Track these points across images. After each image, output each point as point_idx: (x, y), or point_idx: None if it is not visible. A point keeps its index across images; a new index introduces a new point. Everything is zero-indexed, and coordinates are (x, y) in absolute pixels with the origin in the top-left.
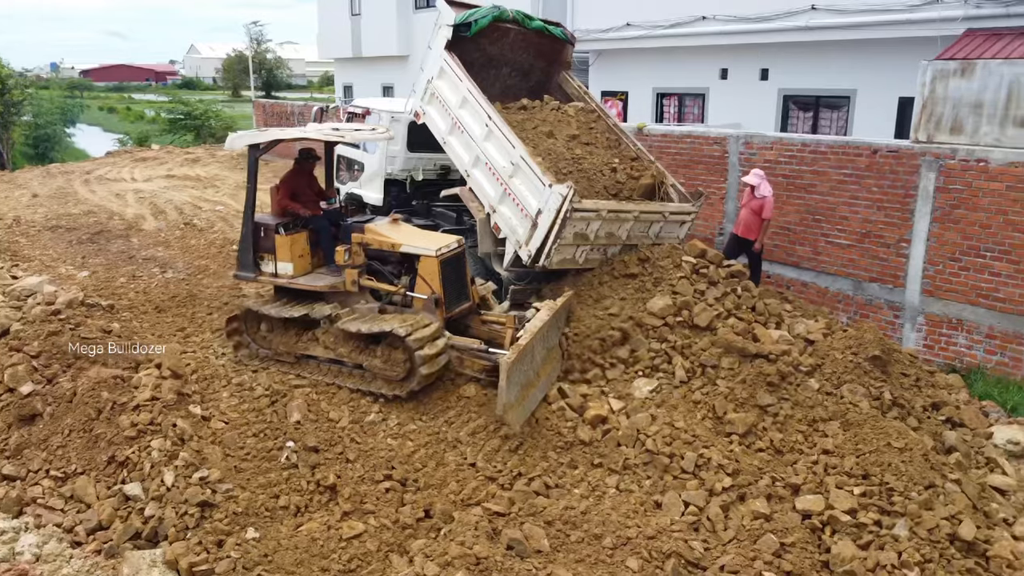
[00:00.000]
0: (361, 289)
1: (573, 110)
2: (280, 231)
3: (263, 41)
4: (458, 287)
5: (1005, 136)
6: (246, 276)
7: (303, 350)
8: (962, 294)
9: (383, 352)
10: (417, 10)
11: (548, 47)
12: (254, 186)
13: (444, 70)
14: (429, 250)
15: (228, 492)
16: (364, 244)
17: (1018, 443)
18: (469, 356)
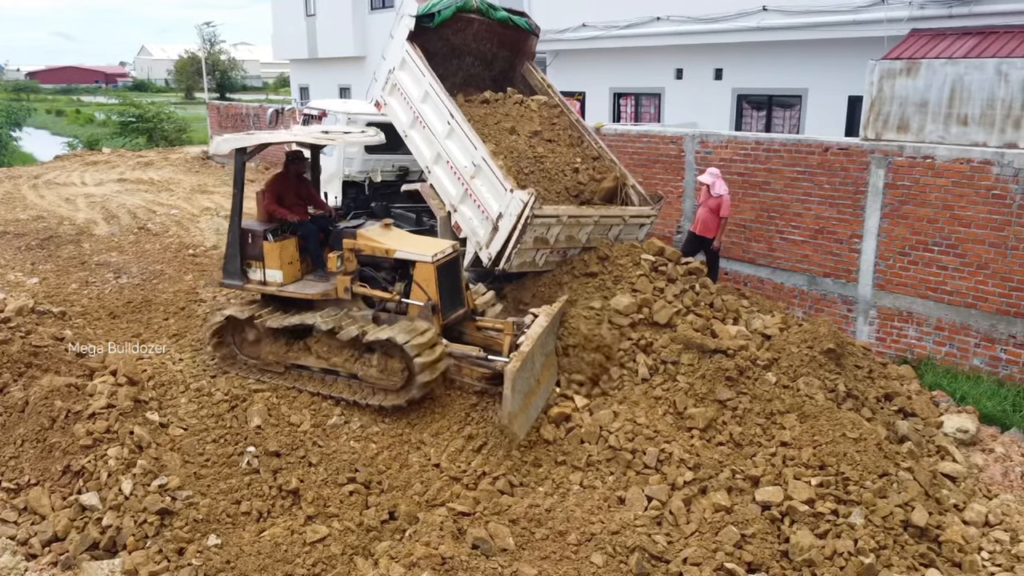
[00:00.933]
0: (354, 296)
1: (536, 104)
2: (268, 238)
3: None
4: (453, 293)
5: (949, 134)
6: (233, 284)
7: (294, 360)
8: (912, 287)
9: (379, 361)
10: (373, 11)
11: (512, 37)
12: (241, 191)
13: (406, 61)
14: (425, 256)
15: (188, 499)
16: (356, 250)
17: (967, 431)
18: (467, 364)
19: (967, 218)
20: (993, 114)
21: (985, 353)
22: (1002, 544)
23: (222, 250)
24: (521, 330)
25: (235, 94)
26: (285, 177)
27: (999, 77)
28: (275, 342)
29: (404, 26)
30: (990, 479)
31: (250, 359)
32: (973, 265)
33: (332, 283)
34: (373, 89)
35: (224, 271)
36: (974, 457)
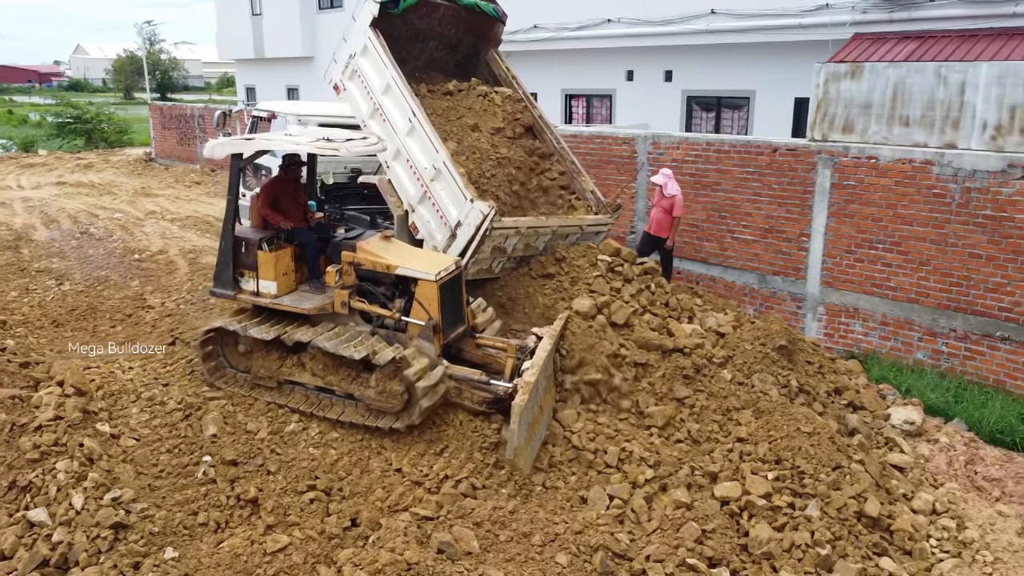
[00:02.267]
0: (351, 311)
1: (500, 98)
2: (263, 247)
3: (156, 41)
4: (455, 311)
5: (892, 135)
6: (224, 294)
7: (287, 375)
8: (858, 284)
9: (377, 382)
10: (321, 10)
11: (478, 23)
12: (236, 197)
13: (368, 48)
14: (428, 274)
15: (143, 512)
16: (355, 264)
17: (913, 423)
18: (468, 387)
19: (909, 216)
20: (933, 116)
21: (927, 347)
22: (949, 531)
23: (168, 254)
24: (524, 353)
25: (177, 94)
26: (282, 182)
27: (938, 80)
28: (267, 356)
29: (367, 11)
30: (936, 468)
31: (240, 372)
32: (915, 262)
33: (328, 296)
34: (332, 71)
35: (215, 279)
36: (920, 447)
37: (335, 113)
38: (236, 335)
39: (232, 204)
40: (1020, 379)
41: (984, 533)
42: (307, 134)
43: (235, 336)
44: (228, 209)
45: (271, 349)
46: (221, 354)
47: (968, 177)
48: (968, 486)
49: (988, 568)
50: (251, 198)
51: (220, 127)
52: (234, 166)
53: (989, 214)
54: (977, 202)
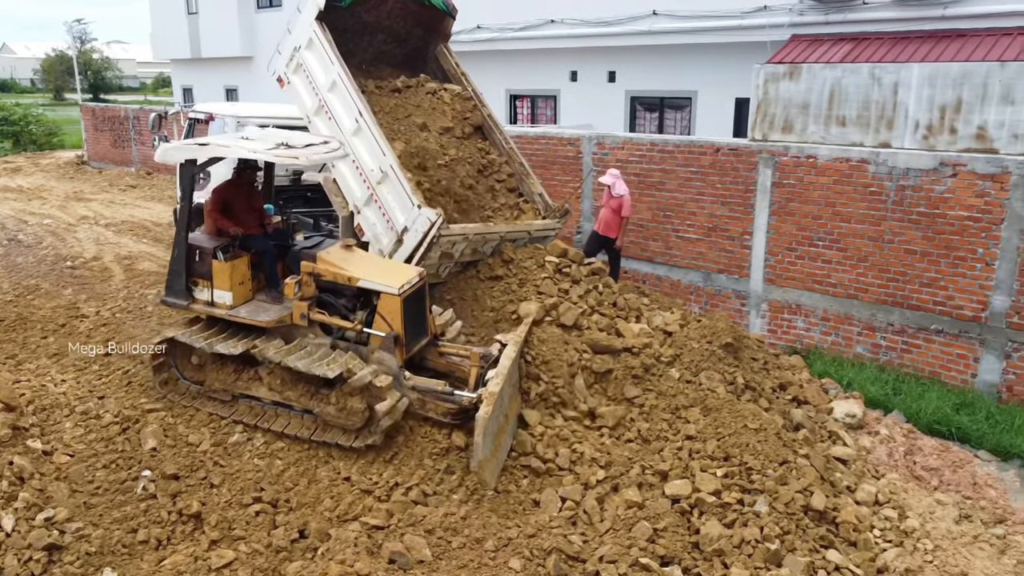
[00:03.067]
0: (310, 323)
1: (449, 96)
2: (217, 255)
3: (88, 40)
4: (418, 323)
5: (829, 134)
6: (176, 303)
7: (243, 390)
8: (799, 281)
9: (337, 399)
10: (260, 9)
11: (428, 17)
12: (188, 204)
13: (314, 42)
14: (391, 288)
15: (79, 531)
16: (315, 275)
17: (854, 416)
18: (432, 398)
19: (848, 214)
20: (868, 115)
21: (867, 341)
22: (891, 521)
23: (103, 261)
24: (488, 361)
25: (111, 95)
26: (235, 186)
27: (873, 81)
28: (222, 369)
29: (313, 3)
30: (877, 460)
31: (193, 384)
32: (854, 258)
33: (287, 307)
34: (275, 62)
35: (167, 288)
36: (862, 440)
37: (276, 114)
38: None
39: (185, 210)
40: (954, 370)
41: (924, 522)
42: (265, 139)
43: (188, 347)
44: (181, 216)
45: (226, 362)
46: (173, 365)
47: (902, 175)
48: (908, 476)
49: (929, 556)
50: (204, 203)
51: (155, 129)
52: (187, 172)
53: (923, 211)
54: (911, 199)
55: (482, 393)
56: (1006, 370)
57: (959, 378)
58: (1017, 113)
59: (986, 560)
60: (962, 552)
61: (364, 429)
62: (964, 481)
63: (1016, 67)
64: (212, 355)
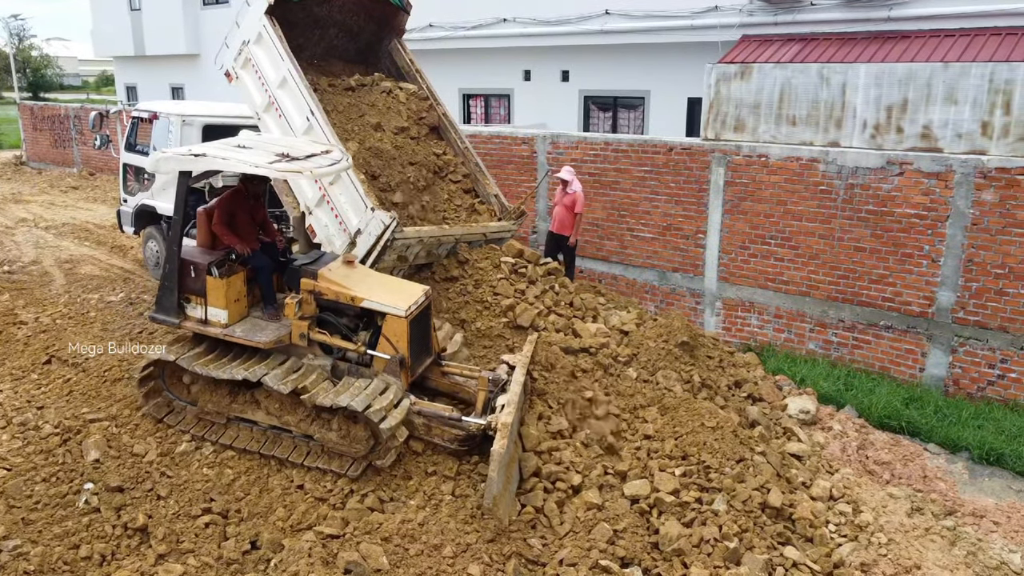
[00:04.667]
0: (310, 342)
1: (405, 95)
2: (212, 272)
3: (26, 37)
4: (423, 343)
5: (780, 133)
6: (167, 320)
7: (239, 413)
8: (752, 279)
9: (340, 425)
10: (206, 6)
11: (381, 11)
12: (182, 217)
13: (263, 37)
14: (398, 310)
15: (16, 549)
16: (316, 293)
17: (808, 412)
18: (438, 424)
19: (799, 212)
20: (817, 115)
21: (819, 337)
22: (846, 516)
23: (42, 265)
24: (496, 385)
25: (51, 93)
26: (240, 197)
27: (821, 81)
28: (216, 391)
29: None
30: (831, 455)
31: (186, 404)
32: (806, 256)
33: (285, 326)
34: (224, 56)
35: (157, 304)
36: (816, 436)
37: (222, 113)
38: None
39: (179, 224)
40: (903, 365)
41: (877, 516)
42: (263, 148)
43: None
44: (174, 230)
45: (220, 384)
46: (164, 388)
47: (851, 174)
48: (861, 471)
49: (883, 549)
50: (199, 212)
51: (96, 128)
52: (182, 183)
53: (871, 209)
54: (860, 198)
55: (491, 421)
56: (952, 364)
57: (908, 373)
58: (960, 113)
59: (938, 552)
60: (915, 545)
61: (368, 455)
62: (915, 474)
63: (958, 68)
64: (204, 378)
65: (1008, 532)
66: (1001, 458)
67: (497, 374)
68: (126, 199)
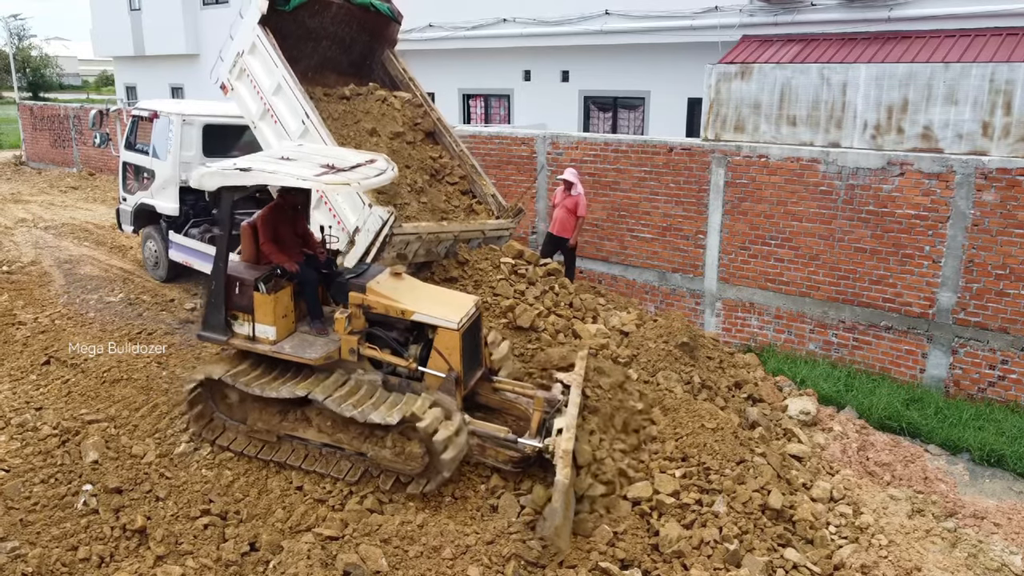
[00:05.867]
0: (360, 358)
1: (399, 103)
2: (260, 288)
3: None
4: (474, 356)
5: (780, 134)
6: (214, 338)
7: (289, 431)
8: (752, 280)
9: (394, 442)
10: (205, 6)
11: (373, 22)
12: (228, 233)
13: (257, 46)
14: (450, 322)
15: (14, 551)
16: (365, 307)
17: (808, 413)
18: (493, 445)
19: (799, 213)
20: (818, 115)
21: (819, 338)
22: (846, 517)
23: (42, 265)
24: (552, 407)
25: (51, 93)
26: (281, 210)
27: (822, 81)
28: (266, 409)
29: (256, 8)
30: (831, 456)
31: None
32: (806, 257)
33: (333, 341)
34: (219, 69)
35: (204, 322)
36: (816, 437)
37: (222, 113)
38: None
39: (224, 241)
40: (903, 366)
41: (878, 517)
42: (307, 159)
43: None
44: (220, 246)
45: (270, 402)
46: (212, 405)
47: (852, 174)
48: (861, 472)
49: (883, 551)
50: (242, 229)
51: (96, 127)
52: (227, 199)
53: (872, 210)
54: (861, 198)
55: (549, 445)
56: (953, 365)
57: (908, 374)
58: (960, 113)
59: (938, 554)
60: (915, 547)
61: (423, 474)
62: (915, 475)
63: (959, 68)
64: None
65: (1009, 534)
66: (1002, 459)
67: (552, 394)
68: (125, 198)
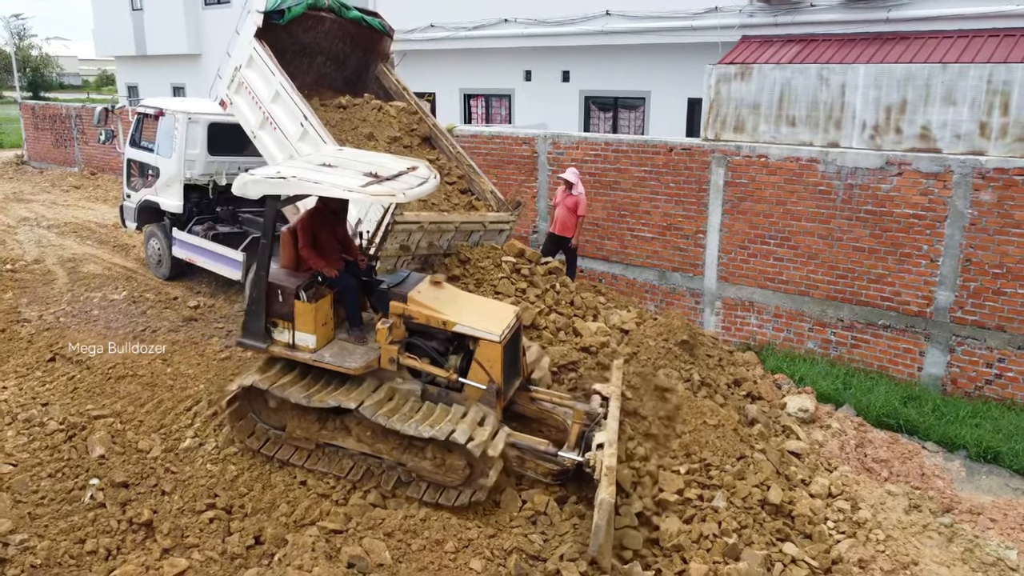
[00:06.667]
0: (399, 367)
1: (395, 110)
2: (301, 296)
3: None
4: (513, 366)
5: (779, 134)
6: (254, 345)
7: (328, 439)
8: (752, 279)
9: (434, 453)
10: (207, 6)
11: (365, 38)
12: (270, 242)
13: (254, 59)
14: (492, 335)
15: (23, 543)
16: (407, 317)
17: (807, 410)
18: (532, 457)
19: (798, 212)
20: (817, 116)
21: (818, 336)
22: (844, 512)
23: (45, 263)
24: (592, 420)
25: (52, 93)
26: (321, 215)
27: (821, 81)
28: (304, 417)
29: (251, 22)
30: (829, 453)
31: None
32: (805, 256)
33: (373, 350)
34: (218, 87)
35: (244, 329)
36: (814, 434)
37: (227, 112)
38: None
39: (266, 249)
40: (901, 364)
41: (876, 512)
42: (349, 166)
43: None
44: (262, 254)
45: (309, 411)
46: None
47: (850, 174)
48: (859, 468)
49: (881, 546)
50: (283, 234)
51: (101, 124)
52: (270, 207)
53: (870, 209)
54: (859, 198)
55: (591, 459)
56: (950, 363)
57: (906, 372)
58: (958, 114)
59: (935, 548)
60: (912, 541)
61: (464, 485)
62: (913, 472)
63: (956, 69)
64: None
65: (1005, 529)
66: (998, 456)
67: (592, 407)
68: (129, 195)
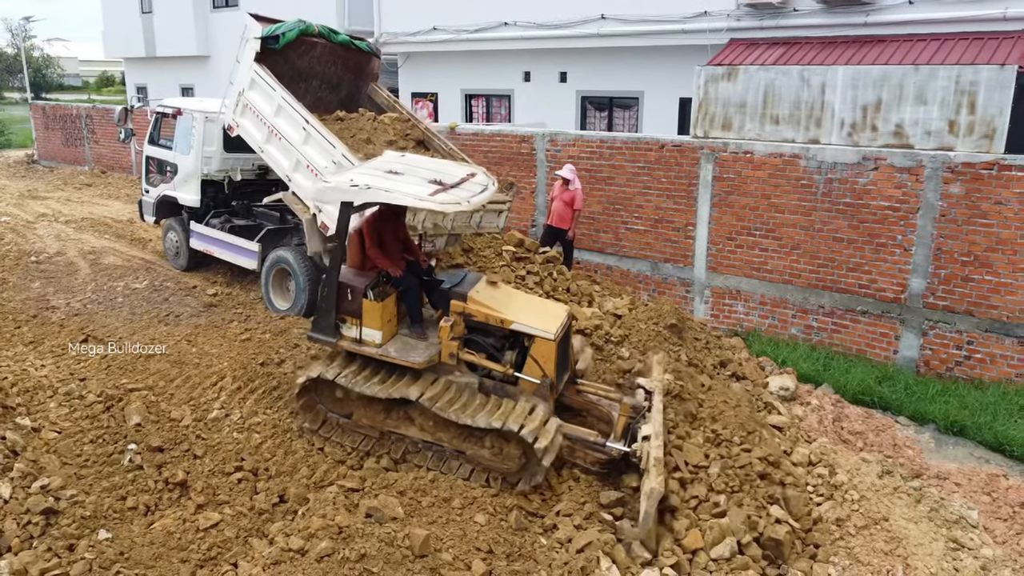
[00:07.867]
0: (458, 361)
1: (389, 119)
2: (368, 295)
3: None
4: (564, 362)
5: (764, 132)
6: (324, 340)
7: (392, 428)
8: (739, 269)
9: (492, 443)
10: (216, 9)
11: (355, 60)
12: (343, 243)
13: (255, 81)
14: (548, 333)
15: (72, 498)
16: (466, 315)
17: (788, 389)
18: (581, 447)
19: (782, 205)
20: (799, 114)
21: (800, 323)
22: (823, 478)
23: (67, 256)
24: (638, 413)
25: (52, 94)
26: (385, 216)
27: (802, 82)
28: (370, 406)
29: (250, 49)
30: (808, 427)
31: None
32: (788, 246)
33: (434, 345)
34: (225, 116)
35: (315, 324)
36: (795, 410)
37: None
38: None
39: (339, 251)
40: (878, 348)
41: (851, 477)
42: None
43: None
44: (334, 255)
45: (374, 400)
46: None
47: (830, 169)
48: (836, 440)
49: (856, 505)
50: (350, 235)
51: (122, 123)
52: (344, 213)
53: (849, 202)
54: (838, 191)
55: (637, 450)
56: (923, 346)
57: (882, 355)
58: (929, 112)
59: (904, 508)
60: (883, 501)
61: (520, 471)
62: (885, 443)
63: (928, 70)
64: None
65: (968, 492)
66: (964, 429)
67: (638, 400)
68: (148, 190)
